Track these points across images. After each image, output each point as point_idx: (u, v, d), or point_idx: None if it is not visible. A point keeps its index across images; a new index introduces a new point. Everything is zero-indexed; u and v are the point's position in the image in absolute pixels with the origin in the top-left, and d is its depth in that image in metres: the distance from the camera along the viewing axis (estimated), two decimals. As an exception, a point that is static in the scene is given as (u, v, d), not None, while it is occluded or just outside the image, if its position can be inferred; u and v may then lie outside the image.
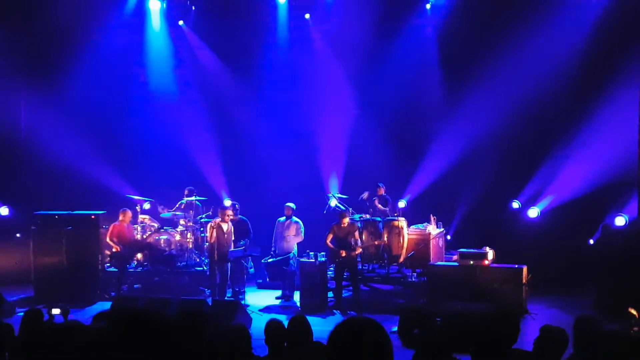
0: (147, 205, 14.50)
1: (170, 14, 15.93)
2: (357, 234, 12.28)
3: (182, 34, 16.11)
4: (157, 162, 15.57)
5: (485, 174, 14.26)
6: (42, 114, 14.99)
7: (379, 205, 13.68)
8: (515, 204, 14.27)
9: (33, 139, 15.13)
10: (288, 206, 13.16)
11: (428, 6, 14.92)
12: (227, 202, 13.63)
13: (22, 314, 6.16)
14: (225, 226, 12.42)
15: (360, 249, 12.33)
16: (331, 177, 15.00)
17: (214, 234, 12.26)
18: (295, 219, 13.11)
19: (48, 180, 14.98)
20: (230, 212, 12.63)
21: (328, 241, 12.15)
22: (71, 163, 15.02)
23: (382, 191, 13.79)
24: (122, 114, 15.68)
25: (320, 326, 6.13)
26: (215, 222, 12.34)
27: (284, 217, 13.16)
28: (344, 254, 12.00)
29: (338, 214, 12.50)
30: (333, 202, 13.59)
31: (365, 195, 13.80)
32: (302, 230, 13.06)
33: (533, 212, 13.87)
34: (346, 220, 12.18)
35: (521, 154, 14.05)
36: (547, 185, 13.94)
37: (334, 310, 12.01)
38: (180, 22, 15.99)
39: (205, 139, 16.01)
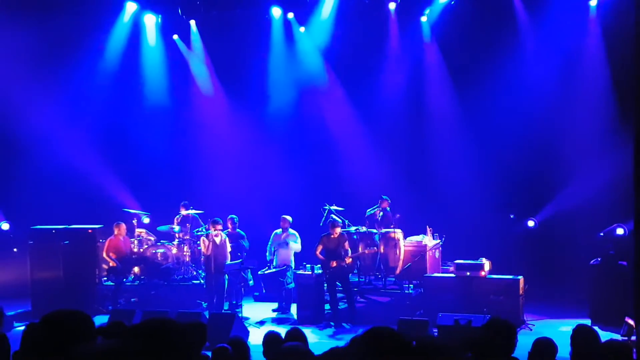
0: (146, 220, 14.50)
1: (165, 29, 15.99)
2: (346, 244, 12.26)
3: (177, 48, 16.17)
4: (153, 176, 15.60)
5: (482, 184, 14.33)
6: (41, 127, 14.99)
7: (389, 219, 13.54)
8: (511, 215, 14.32)
9: (31, 153, 15.12)
10: (284, 218, 13.20)
11: (424, 19, 15.00)
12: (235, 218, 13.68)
13: (19, 328, 6.18)
14: (217, 239, 12.45)
15: (350, 259, 12.26)
16: (328, 189, 15.01)
17: (210, 246, 12.32)
18: (291, 231, 13.15)
19: (45, 194, 14.96)
20: (219, 225, 12.61)
21: (317, 252, 12.16)
22: (68, 177, 15.05)
23: (386, 204, 13.75)
24: (118, 127, 15.71)
25: (317, 338, 6.17)
26: (211, 236, 12.38)
27: (281, 230, 13.19)
28: (334, 265, 12.00)
29: (329, 224, 12.45)
30: (325, 213, 13.54)
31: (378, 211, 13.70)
32: (299, 241, 13.09)
33: (530, 223, 13.91)
34: (338, 230, 12.17)
35: (519, 164, 14.09)
36: (545, 195, 14.00)
37: (330, 322, 12.02)
38: (175, 37, 16.06)
39: (202, 152, 16.06)
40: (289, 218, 13.20)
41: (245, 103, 15.88)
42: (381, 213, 13.54)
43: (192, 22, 15.79)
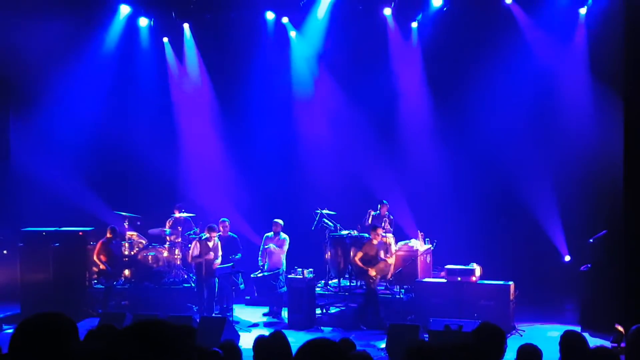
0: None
1: (158, 31, 15.97)
2: (382, 252, 12.18)
3: (170, 51, 16.18)
4: (146, 178, 15.55)
5: (473, 188, 14.38)
6: (29, 130, 14.94)
7: (388, 226, 13.53)
8: (503, 219, 14.39)
9: (20, 154, 15.05)
10: (276, 222, 13.19)
11: (414, 24, 15.06)
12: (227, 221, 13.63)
13: (8, 331, 6.15)
14: (210, 243, 12.43)
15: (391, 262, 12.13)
16: (320, 192, 15.00)
17: (199, 249, 12.30)
18: (282, 235, 13.14)
19: (35, 196, 14.90)
20: (215, 233, 12.56)
21: (357, 259, 12.04)
22: (58, 179, 14.97)
23: (385, 209, 13.75)
24: (111, 130, 15.63)
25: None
26: (203, 241, 12.35)
27: (272, 233, 13.18)
28: (374, 274, 11.88)
29: (370, 228, 12.30)
30: (317, 218, 13.50)
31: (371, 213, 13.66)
32: (286, 246, 13.05)
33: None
34: (379, 233, 12.10)
35: (509, 168, 14.14)
36: (533, 198, 14.06)
37: (361, 326, 11.90)
38: (165, 39, 16.06)
39: (194, 154, 16.03)
40: (280, 222, 13.20)
41: (238, 106, 15.85)
42: (370, 219, 13.54)
43: (186, 26, 15.79)
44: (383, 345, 10.16)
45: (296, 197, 15.15)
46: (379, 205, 13.75)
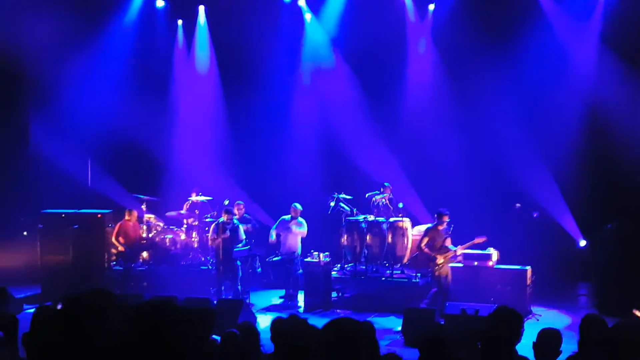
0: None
1: (172, 13, 16.02)
2: (448, 240, 11.34)
3: (184, 33, 16.22)
4: (164, 162, 15.63)
5: (490, 173, 14.30)
6: (48, 116, 15.04)
7: (391, 207, 13.41)
8: (517, 205, 14.34)
9: (39, 139, 15.17)
10: (295, 207, 13.14)
11: (431, 7, 14.98)
12: (226, 202, 13.64)
13: (29, 310, 6.26)
14: (229, 226, 12.48)
15: (460, 252, 11.45)
16: (336, 177, 14.99)
17: (218, 232, 12.36)
18: (300, 219, 13.14)
19: (54, 180, 15.02)
20: (232, 215, 12.59)
21: (423, 245, 11.27)
22: (77, 163, 15.13)
23: (389, 191, 13.66)
24: (128, 114, 15.67)
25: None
26: (221, 224, 12.39)
27: (289, 216, 13.19)
28: (441, 261, 11.14)
29: (437, 215, 11.36)
30: (332, 203, 13.43)
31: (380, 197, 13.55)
32: (305, 228, 13.07)
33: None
34: (445, 220, 11.27)
35: (526, 152, 14.06)
36: (550, 184, 13.99)
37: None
38: (179, 22, 16.08)
39: (211, 138, 16.08)
40: (299, 207, 13.16)
41: (253, 89, 15.82)
42: (383, 200, 13.47)
43: (201, 8, 15.83)
44: (399, 329, 10.21)
45: (313, 181, 15.15)
46: (381, 189, 13.61)
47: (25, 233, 14.50)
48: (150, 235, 13.87)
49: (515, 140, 13.92)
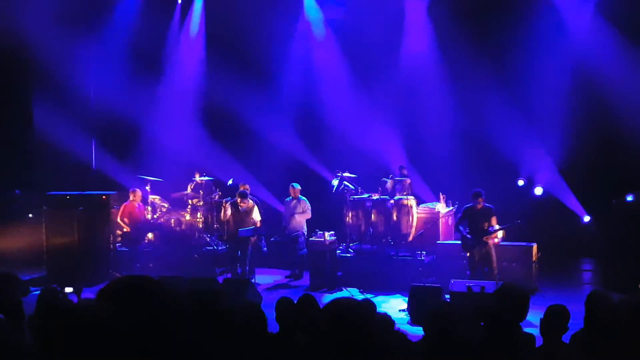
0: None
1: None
2: (494, 219, 10.77)
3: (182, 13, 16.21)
4: (168, 144, 15.61)
5: (494, 150, 14.24)
6: (51, 97, 14.99)
7: (409, 189, 13.31)
8: (521, 182, 14.32)
9: (42, 120, 15.15)
10: (294, 187, 13.20)
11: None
12: (230, 182, 13.63)
13: (36, 292, 6.26)
14: (242, 206, 12.48)
15: (497, 237, 10.79)
16: (340, 156, 14.95)
17: (229, 212, 12.36)
18: (302, 197, 13.16)
19: (59, 161, 15.04)
20: (245, 198, 12.57)
21: (459, 225, 11.04)
22: (81, 144, 15.12)
23: (405, 172, 13.66)
24: (132, 94, 15.62)
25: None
26: (231, 205, 12.38)
27: (291, 197, 13.20)
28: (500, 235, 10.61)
29: (473, 194, 10.85)
30: (335, 182, 13.40)
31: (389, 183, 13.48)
32: (309, 207, 13.09)
33: (538, 190, 13.89)
34: (482, 200, 10.77)
35: (528, 128, 13.99)
36: (554, 161, 13.94)
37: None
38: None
39: (214, 121, 16.05)
40: (297, 186, 13.20)
41: (255, 72, 15.72)
42: (402, 180, 13.42)
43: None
44: (404, 306, 10.22)
45: (316, 160, 15.12)
46: (397, 171, 13.66)
47: (30, 215, 14.52)
48: (155, 216, 13.88)
49: (511, 116, 13.86)
